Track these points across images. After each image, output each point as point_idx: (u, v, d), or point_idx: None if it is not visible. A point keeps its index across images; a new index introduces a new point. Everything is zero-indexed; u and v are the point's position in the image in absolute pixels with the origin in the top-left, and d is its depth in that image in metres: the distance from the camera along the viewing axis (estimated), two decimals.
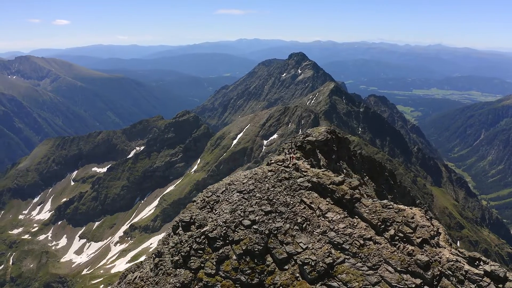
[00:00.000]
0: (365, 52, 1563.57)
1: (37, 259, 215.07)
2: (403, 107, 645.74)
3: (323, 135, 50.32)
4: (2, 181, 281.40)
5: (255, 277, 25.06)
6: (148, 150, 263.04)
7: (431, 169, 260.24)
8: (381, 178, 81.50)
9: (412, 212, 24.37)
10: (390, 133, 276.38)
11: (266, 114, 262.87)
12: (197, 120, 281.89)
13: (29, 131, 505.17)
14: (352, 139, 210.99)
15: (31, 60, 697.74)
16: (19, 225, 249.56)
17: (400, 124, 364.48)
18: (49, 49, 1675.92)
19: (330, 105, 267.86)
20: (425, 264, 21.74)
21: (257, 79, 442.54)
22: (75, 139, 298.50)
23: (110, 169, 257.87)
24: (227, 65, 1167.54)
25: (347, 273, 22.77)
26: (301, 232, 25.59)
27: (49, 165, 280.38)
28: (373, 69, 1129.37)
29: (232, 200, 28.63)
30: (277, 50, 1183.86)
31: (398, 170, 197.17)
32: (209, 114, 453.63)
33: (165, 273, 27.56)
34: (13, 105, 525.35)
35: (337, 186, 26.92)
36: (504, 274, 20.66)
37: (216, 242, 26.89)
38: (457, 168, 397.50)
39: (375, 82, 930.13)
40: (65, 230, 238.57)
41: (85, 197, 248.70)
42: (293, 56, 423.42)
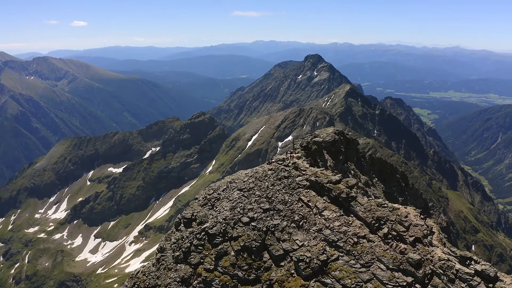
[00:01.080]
0: (382, 54, 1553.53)
1: (53, 257, 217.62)
2: (420, 109, 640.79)
3: (330, 136, 50.63)
4: (19, 180, 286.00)
5: (252, 273, 25.58)
6: (163, 151, 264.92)
7: (447, 172, 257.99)
8: (393, 180, 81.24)
9: (406, 211, 24.65)
10: (406, 135, 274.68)
11: (281, 115, 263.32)
12: (213, 121, 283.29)
13: (46, 131, 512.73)
14: (367, 142, 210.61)
15: (48, 61, 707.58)
16: (35, 224, 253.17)
17: (416, 126, 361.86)
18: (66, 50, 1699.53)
19: (346, 107, 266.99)
20: (416, 263, 21.98)
21: (273, 80, 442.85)
22: (91, 140, 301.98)
23: (126, 170, 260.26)
24: (244, 66, 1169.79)
25: (340, 270, 23.14)
26: (297, 230, 26.05)
27: (65, 165, 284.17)
28: (389, 71, 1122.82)
29: (233, 197, 29.21)
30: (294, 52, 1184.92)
31: (413, 173, 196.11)
32: (225, 115, 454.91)
33: (166, 268, 28.24)
34: (31, 105, 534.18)
35: (334, 184, 27.32)
36: (495, 274, 20.80)
37: (215, 238, 27.50)
38: (473, 172, 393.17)
39: (392, 85, 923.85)
40: (80, 230, 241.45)
41: (101, 197, 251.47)
42: (309, 58, 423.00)
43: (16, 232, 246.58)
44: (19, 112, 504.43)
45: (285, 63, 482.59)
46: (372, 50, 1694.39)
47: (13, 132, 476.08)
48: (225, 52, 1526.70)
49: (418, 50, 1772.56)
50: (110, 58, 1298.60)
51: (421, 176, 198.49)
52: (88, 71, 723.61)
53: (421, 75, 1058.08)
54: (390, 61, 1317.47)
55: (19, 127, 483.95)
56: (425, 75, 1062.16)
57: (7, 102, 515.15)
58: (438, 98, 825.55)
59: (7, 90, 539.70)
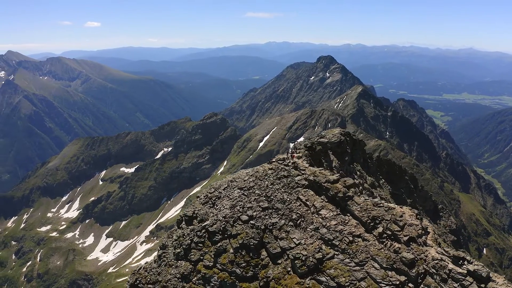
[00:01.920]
0: (395, 55, 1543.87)
1: (64, 256, 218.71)
2: (433, 111, 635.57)
3: (336, 137, 50.84)
4: (32, 180, 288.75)
5: (250, 270, 25.99)
6: (175, 151, 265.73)
7: (460, 175, 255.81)
8: (401, 182, 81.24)
9: (401, 211, 24.86)
10: (419, 137, 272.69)
11: (293, 117, 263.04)
12: (224, 122, 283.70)
13: (59, 131, 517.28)
14: (378, 143, 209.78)
15: (62, 62, 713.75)
16: (47, 222, 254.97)
17: (429, 128, 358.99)
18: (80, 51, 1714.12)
19: (358, 109, 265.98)
20: (410, 262, 22.20)
21: (285, 82, 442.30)
22: (104, 140, 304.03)
23: (138, 170, 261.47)
24: (256, 68, 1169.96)
25: (335, 269, 23.43)
26: (295, 228, 26.40)
27: (78, 165, 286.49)
28: (403, 72, 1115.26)
29: (233, 196, 29.67)
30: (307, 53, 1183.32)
31: (425, 176, 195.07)
32: (237, 116, 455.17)
33: (167, 265, 28.76)
34: (44, 105, 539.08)
35: (332, 184, 27.62)
36: (487, 274, 20.94)
37: (215, 236, 27.98)
38: (486, 175, 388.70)
39: (405, 86, 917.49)
40: (92, 229, 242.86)
41: (113, 197, 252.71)
42: (322, 59, 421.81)
43: (28, 231, 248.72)
44: (33, 112, 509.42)
45: (297, 64, 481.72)
46: (385, 52, 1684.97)
47: (26, 131, 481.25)
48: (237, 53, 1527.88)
49: (432, 52, 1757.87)
50: (123, 59, 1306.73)
51: (433, 178, 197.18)
52: (101, 72, 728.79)
53: (434, 77, 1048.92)
54: (403, 62, 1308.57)
55: (32, 127, 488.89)
56: (439, 77, 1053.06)
57: (21, 102, 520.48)
58: (452, 100, 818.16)
59: (21, 90, 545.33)
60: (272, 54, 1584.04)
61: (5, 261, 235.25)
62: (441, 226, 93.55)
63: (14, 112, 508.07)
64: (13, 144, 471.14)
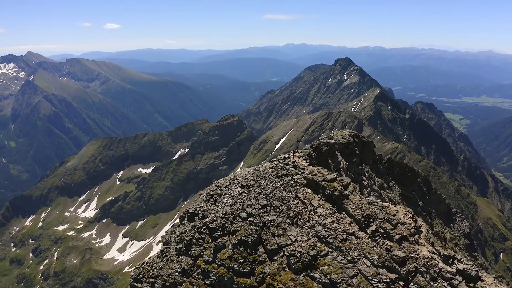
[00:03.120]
0: (414, 58, 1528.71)
1: (81, 255, 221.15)
2: (452, 114, 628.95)
3: (345, 138, 51.28)
4: (50, 179, 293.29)
5: (247, 266, 26.64)
6: (192, 152, 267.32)
7: (477, 178, 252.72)
8: (414, 184, 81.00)
9: (395, 210, 25.19)
10: (436, 141, 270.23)
11: (309, 119, 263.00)
12: (241, 123, 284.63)
13: (78, 131, 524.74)
14: (395, 146, 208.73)
15: (81, 63, 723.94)
16: (64, 221, 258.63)
17: (447, 132, 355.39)
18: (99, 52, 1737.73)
19: (375, 111, 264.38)
20: (401, 260, 22.50)
21: (302, 84, 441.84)
22: (122, 140, 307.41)
23: (155, 170, 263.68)
24: (274, 70, 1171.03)
25: (329, 265, 23.90)
26: (292, 226, 26.95)
27: (96, 165, 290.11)
28: (421, 75, 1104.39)
29: (234, 194, 30.35)
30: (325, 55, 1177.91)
31: (441, 179, 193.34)
32: (254, 118, 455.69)
33: (169, 260, 29.58)
34: (64, 106, 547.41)
35: (329, 183, 28.11)
36: (476, 274, 21.13)
37: (215, 232, 28.70)
38: (505, 179, 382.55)
39: (424, 89, 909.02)
40: (109, 228, 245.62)
41: (130, 197, 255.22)
42: (339, 61, 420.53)
43: (46, 230, 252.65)
44: (52, 112, 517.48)
45: (315, 67, 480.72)
46: (404, 54, 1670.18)
47: (45, 131, 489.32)
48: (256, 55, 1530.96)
49: (451, 54, 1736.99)
50: (142, 60, 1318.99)
51: (449, 182, 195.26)
52: (120, 73, 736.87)
53: (453, 80, 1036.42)
54: (422, 65, 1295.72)
55: (51, 127, 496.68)
56: (458, 80, 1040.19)
57: (40, 102, 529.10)
58: (470, 103, 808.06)
59: (40, 90, 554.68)
60: (290, 56, 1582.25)
61: (23, 259, 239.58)
62: (454, 230, 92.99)
63: (34, 112, 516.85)
64: (32, 143, 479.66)
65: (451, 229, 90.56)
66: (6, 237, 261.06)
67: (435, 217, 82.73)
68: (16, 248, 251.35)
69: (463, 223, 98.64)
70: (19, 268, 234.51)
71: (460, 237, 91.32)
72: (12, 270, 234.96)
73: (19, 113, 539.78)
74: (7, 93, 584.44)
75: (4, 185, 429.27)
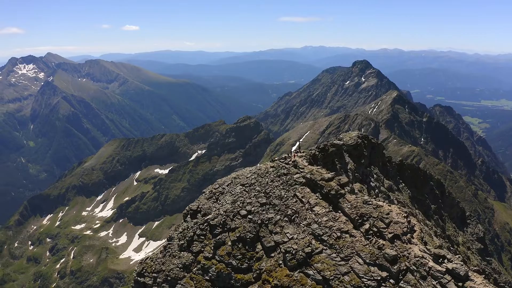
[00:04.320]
0: (433, 60, 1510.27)
1: (97, 254, 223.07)
2: (471, 118, 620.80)
3: (353, 139, 51.56)
4: (69, 179, 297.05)
5: (245, 262, 27.34)
6: (209, 153, 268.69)
7: (495, 183, 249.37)
8: (426, 187, 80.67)
9: (388, 209, 25.56)
10: (454, 144, 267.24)
11: (326, 121, 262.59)
12: (258, 125, 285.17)
13: (96, 131, 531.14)
14: (412, 149, 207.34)
15: (100, 64, 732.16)
16: (82, 221, 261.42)
17: (465, 135, 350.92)
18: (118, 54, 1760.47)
19: (392, 114, 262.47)
20: (392, 258, 22.88)
21: (320, 86, 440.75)
22: (139, 141, 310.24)
23: (172, 171, 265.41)
24: (292, 72, 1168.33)
25: (322, 263, 24.42)
26: (289, 224, 27.52)
27: (113, 165, 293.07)
28: (440, 78, 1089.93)
29: (235, 192, 31.09)
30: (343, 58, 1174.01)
31: (458, 183, 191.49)
32: (272, 120, 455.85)
33: (171, 255, 30.45)
34: (82, 107, 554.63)
35: (326, 182, 28.62)
36: (465, 273, 21.37)
37: (216, 229, 29.48)
38: None
39: (442, 92, 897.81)
40: (125, 228, 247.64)
41: (146, 197, 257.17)
42: (357, 64, 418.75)
43: (63, 229, 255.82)
44: (71, 113, 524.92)
45: (333, 69, 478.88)
46: (422, 57, 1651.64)
47: (64, 132, 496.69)
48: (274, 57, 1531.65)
49: (470, 57, 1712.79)
50: (160, 62, 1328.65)
51: (466, 186, 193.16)
52: (138, 74, 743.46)
53: (472, 83, 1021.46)
54: (441, 67, 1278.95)
55: (70, 127, 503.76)
56: (477, 83, 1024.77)
57: (59, 103, 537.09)
58: (490, 106, 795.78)
59: (59, 91, 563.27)
60: (308, 59, 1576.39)
61: (40, 257, 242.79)
62: (467, 234, 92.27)
63: (53, 113, 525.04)
64: (51, 144, 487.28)
65: (464, 233, 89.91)
66: (24, 235, 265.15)
67: (448, 221, 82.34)
68: (33, 247, 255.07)
69: (477, 227, 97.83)
70: (36, 266, 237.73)
71: (474, 241, 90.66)
72: (29, 268, 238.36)
73: (38, 113, 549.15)
74: (26, 93, 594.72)
75: (23, 184, 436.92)
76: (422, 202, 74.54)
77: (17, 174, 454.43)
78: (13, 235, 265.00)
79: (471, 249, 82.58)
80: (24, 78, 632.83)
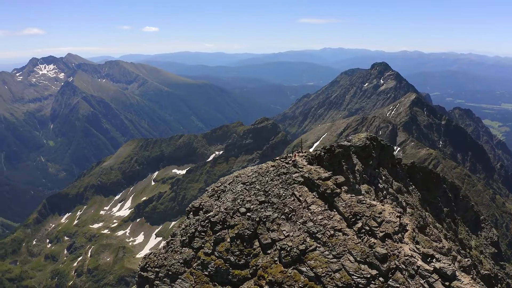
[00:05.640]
0: (453, 63, 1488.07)
1: (114, 253, 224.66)
2: (491, 121, 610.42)
3: (361, 141, 52.05)
4: (87, 178, 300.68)
5: (242, 258, 28.16)
6: (226, 154, 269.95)
7: None
8: (438, 190, 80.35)
9: (381, 208, 26.00)
10: (473, 148, 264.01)
11: (343, 123, 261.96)
12: (275, 127, 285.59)
13: (115, 132, 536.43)
14: (429, 153, 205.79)
15: (120, 65, 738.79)
16: (99, 220, 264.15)
17: (485, 139, 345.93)
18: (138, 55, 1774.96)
19: (410, 117, 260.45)
20: (382, 257, 23.33)
21: (338, 88, 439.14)
22: (157, 141, 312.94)
23: (189, 172, 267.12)
24: (311, 74, 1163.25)
25: (315, 260, 25.00)
26: (286, 221, 28.18)
27: (131, 165, 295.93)
28: (460, 81, 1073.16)
29: (236, 190, 31.95)
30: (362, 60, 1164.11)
31: (476, 187, 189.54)
32: (290, 122, 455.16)
33: (173, 251, 31.45)
34: (102, 107, 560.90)
35: (323, 181, 29.21)
36: (452, 273, 21.73)
37: (216, 226, 30.38)
38: None
39: (462, 95, 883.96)
40: (142, 228, 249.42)
41: (164, 197, 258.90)
42: (376, 66, 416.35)
43: (81, 227, 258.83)
44: (90, 113, 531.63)
45: (351, 71, 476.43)
46: (442, 59, 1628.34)
47: (84, 132, 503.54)
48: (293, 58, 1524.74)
49: (490, 60, 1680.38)
50: (179, 63, 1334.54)
51: (484, 190, 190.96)
52: (158, 75, 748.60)
53: (492, 86, 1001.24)
54: (461, 70, 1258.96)
55: (89, 127, 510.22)
56: (497, 86, 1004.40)
57: (79, 103, 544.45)
58: (510, 110, 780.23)
59: (79, 91, 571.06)
60: (327, 60, 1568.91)
61: (57, 255, 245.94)
62: (481, 238, 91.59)
63: (73, 113, 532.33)
64: (71, 143, 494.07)
65: (478, 237, 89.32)
66: (42, 233, 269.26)
67: (461, 224, 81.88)
68: (51, 245, 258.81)
69: (491, 231, 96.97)
70: (53, 264, 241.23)
71: (487, 245, 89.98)
72: (46, 266, 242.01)
73: (58, 113, 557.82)
74: (47, 93, 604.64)
75: (42, 183, 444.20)
76: (434, 205, 74.30)
77: (37, 173, 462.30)
78: (32, 233, 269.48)
79: (484, 253, 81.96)
80: (44, 78, 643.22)
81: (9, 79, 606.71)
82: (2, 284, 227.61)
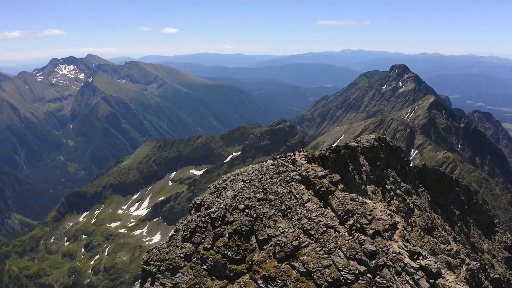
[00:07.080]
0: (473, 66, 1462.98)
1: (131, 252, 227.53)
2: (510, 125, 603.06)
3: (369, 142, 52.43)
4: (106, 177, 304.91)
5: (239, 254, 29.12)
6: (243, 156, 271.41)
7: None
8: (451, 193, 80.00)
9: (373, 206, 26.58)
10: (492, 151, 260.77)
11: (361, 125, 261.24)
12: (293, 128, 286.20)
13: (134, 132, 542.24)
14: (447, 156, 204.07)
15: (140, 66, 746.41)
16: (117, 219, 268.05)
17: (504, 142, 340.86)
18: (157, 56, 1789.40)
19: (429, 119, 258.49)
20: (371, 254, 23.89)
21: (357, 90, 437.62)
22: (175, 142, 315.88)
23: (207, 172, 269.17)
24: (330, 76, 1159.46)
25: (307, 256, 25.73)
26: (282, 218, 29.00)
27: (150, 165, 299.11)
28: (480, 83, 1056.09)
29: (236, 187, 32.92)
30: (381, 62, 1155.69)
31: (494, 191, 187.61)
32: (308, 124, 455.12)
33: (174, 245, 32.59)
34: (121, 107, 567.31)
35: (319, 179, 29.90)
36: (437, 270, 22.14)
37: (216, 221, 31.43)
38: None
39: (483, 98, 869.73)
40: (159, 227, 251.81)
41: (181, 197, 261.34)
42: (395, 68, 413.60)
43: (98, 226, 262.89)
44: (110, 113, 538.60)
45: (370, 73, 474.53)
46: (462, 62, 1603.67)
47: (103, 131, 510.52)
48: (311, 60, 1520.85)
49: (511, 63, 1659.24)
50: (198, 64, 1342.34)
51: (502, 194, 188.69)
52: (177, 76, 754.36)
53: None
54: (481, 73, 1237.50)
55: (109, 127, 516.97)
56: None
57: (99, 103, 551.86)
58: None
59: (99, 92, 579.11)
60: (346, 62, 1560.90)
61: (75, 253, 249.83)
62: (495, 242, 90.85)
63: (92, 113, 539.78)
64: (90, 143, 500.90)
65: (491, 241, 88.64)
66: (60, 231, 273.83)
67: (473, 227, 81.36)
68: (69, 243, 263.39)
69: (505, 235, 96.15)
70: (70, 262, 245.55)
71: (501, 250, 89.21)
72: (64, 264, 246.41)
73: (78, 113, 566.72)
74: (67, 93, 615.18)
75: (61, 182, 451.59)
76: (446, 208, 74.05)
77: (56, 172, 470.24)
78: (50, 231, 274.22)
79: (496, 257, 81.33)
80: (64, 78, 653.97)
81: (30, 79, 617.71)
82: (20, 281, 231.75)
